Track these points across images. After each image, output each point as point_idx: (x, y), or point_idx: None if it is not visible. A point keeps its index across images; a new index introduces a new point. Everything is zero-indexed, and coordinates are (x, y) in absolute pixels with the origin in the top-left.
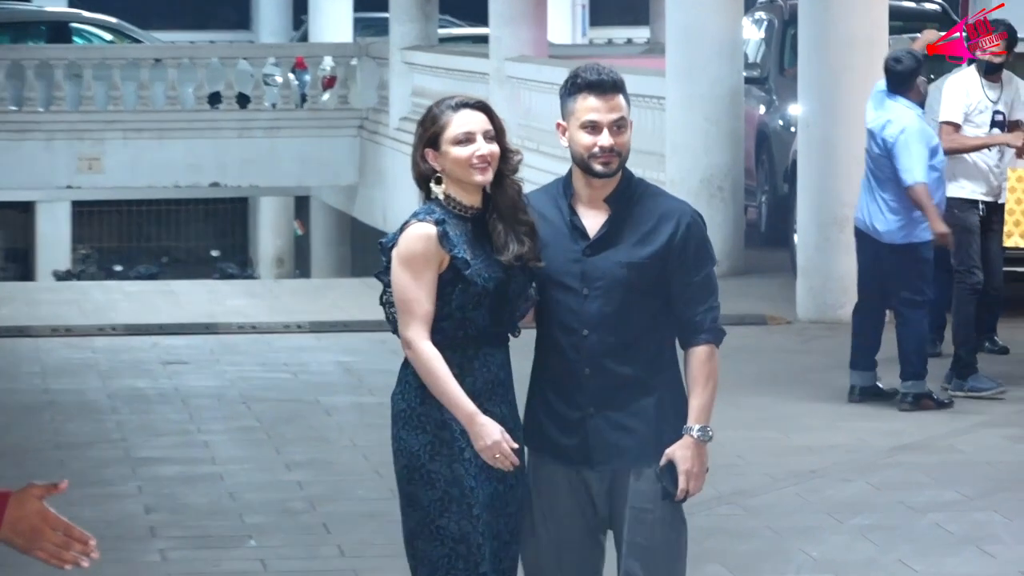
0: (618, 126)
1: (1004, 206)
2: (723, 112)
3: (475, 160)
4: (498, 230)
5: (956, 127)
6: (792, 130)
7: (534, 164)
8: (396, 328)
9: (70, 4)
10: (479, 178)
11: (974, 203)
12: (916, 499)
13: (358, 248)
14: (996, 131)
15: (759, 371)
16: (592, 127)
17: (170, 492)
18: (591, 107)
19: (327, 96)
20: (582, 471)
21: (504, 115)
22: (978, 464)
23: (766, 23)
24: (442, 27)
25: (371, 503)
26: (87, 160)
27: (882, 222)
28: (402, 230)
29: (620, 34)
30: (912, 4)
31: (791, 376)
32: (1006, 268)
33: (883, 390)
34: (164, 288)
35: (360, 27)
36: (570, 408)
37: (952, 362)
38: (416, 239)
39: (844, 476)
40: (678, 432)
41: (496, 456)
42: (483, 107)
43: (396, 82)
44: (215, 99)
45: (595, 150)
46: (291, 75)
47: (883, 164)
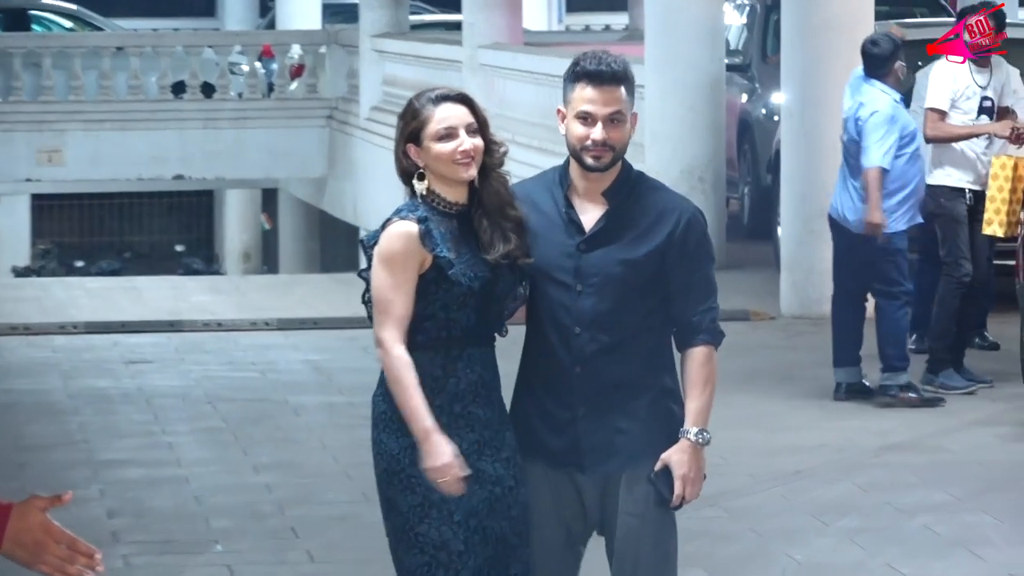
0: (614, 120)
1: None
2: (704, 100)
3: (458, 156)
4: (484, 227)
5: (942, 114)
6: (775, 119)
7: (510, 155)
8: None
9: None
10: (463, 174)
11: (961, 191)
12: (904, 500)
13: (327, 242)
14: (984, 117)
15: (742, 368)
16: (586, 118)
17: (134, 496)
18: (587, 98)
19: (295, 85)
20: (573, 475)
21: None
22: (968, 464)
23: (748, 8)
24: (414, 13)
25: (341, 506)
26: (47, 152)
27: (852, 211)
28: (384, 227)
29: (598, 20)
30: None
31: (775, 373)
32: (997, 262)
33: (869, 387)
34: (127, 284)
35: (329, 14)
36: (560, 408)
37: (927, 356)
38: (396, 238)
39: (830, 477)
40: (673, 436)
41: (443, 480)
42: (465, 99)
43: (366, 70)
44: (179, 89)
45: (587, 143)
46: (258, 64)
47: (855, 151)
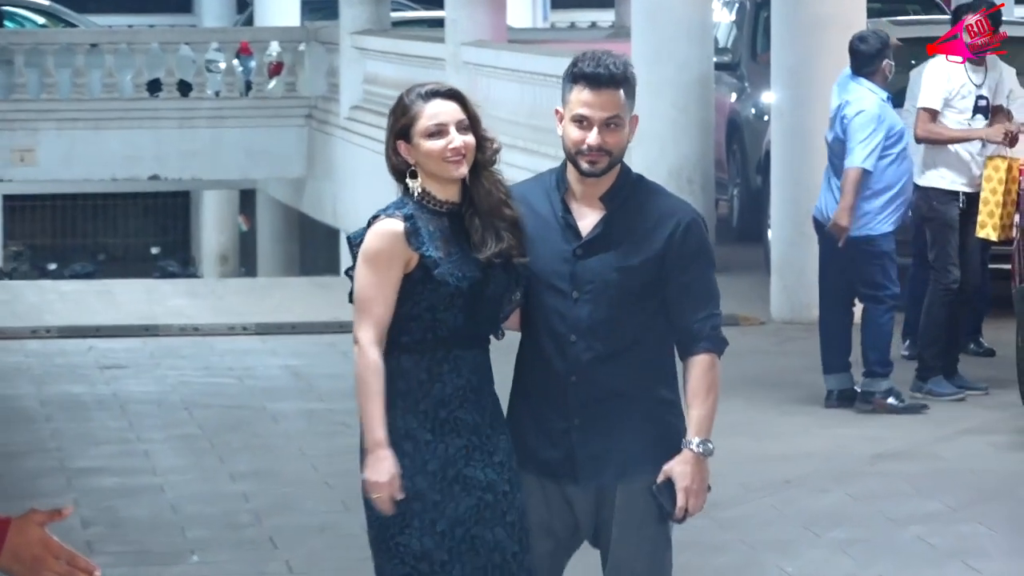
0: (611, 124)
1: None
2: (692, 99)
3: (448, 153)
4: (475, 225)
5: (934, 114)
6: (765, 119)
7: None
8: None
9: None
10: (454, 172)
11: (955, 195)
12: (897, 510)
13: (306, 244)
14: (980, 117)
15: (731, 375)
16: (582, 122)
17: (108, 505)
18: (583, 101)
19: (273, 83)
20: (566, 487)
21: None
22: (962, 473)
23: (737, 5)
24: (395, 10)
25: (320, 515)
26: (19, 152)
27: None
28: (370, 225)
29: (584, 17)
30: None
31: (765, 380)
32: (992, 266)
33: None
34: (101, 288)
35: (308, 10)
36: (555, 418)
37: (916, 362)
38: (381, 236)
39: (821, 486)
40: (669, 448)
41: (376, 496)
42: (456, 95)
43: (347, 68)
44: (155, 87)
45: (583, 147)
46: (235, 61)
47: (839, 150)
